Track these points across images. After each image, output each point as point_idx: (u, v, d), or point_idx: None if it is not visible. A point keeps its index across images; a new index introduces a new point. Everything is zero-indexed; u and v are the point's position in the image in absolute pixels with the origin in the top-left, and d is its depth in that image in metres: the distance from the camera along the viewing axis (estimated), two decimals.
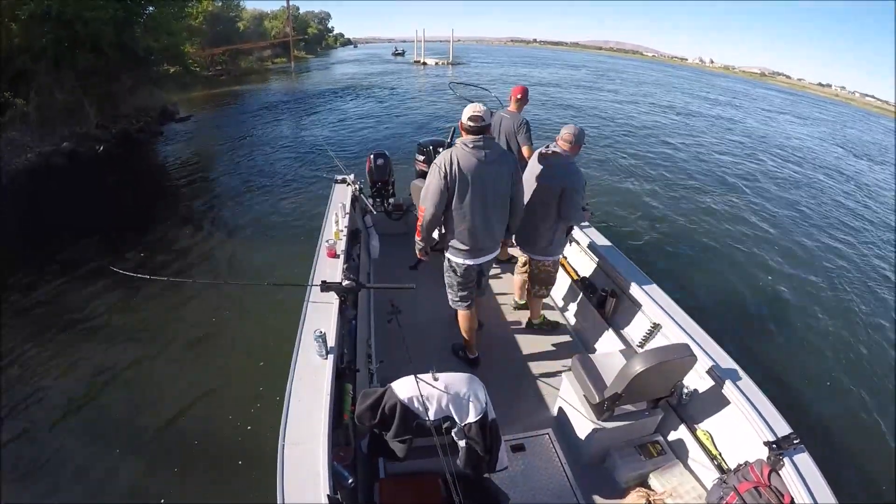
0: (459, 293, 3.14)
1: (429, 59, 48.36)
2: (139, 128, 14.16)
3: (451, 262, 3.03)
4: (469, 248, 2.88)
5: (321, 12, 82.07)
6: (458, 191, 2.68)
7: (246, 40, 42.45)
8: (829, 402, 4.65)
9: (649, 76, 52.06)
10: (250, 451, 3.59)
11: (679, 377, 2.56)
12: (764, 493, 2.01)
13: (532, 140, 3.96)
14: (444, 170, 2.64)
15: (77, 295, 5.68)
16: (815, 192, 12.55)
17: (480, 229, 2.82)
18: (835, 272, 7.57)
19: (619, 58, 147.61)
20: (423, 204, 2.77)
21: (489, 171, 2.69)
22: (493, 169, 2.70)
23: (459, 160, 2.64)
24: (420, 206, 2.81)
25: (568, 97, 26.11)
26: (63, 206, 8.51)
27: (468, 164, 2.64)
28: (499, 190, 2.78)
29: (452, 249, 2.94)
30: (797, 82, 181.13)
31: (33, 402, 4.13)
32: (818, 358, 5.31)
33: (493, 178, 2.73)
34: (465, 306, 3.19)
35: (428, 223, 2.81)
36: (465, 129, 2.70)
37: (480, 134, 2.67)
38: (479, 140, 2.66)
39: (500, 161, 2.75)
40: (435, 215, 2.77)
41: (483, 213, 2.77)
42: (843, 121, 38.17)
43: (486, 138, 2.69)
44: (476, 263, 2.99)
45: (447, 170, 2.63)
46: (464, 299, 3.15)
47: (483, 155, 2.65)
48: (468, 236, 2.83)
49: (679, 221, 8.89)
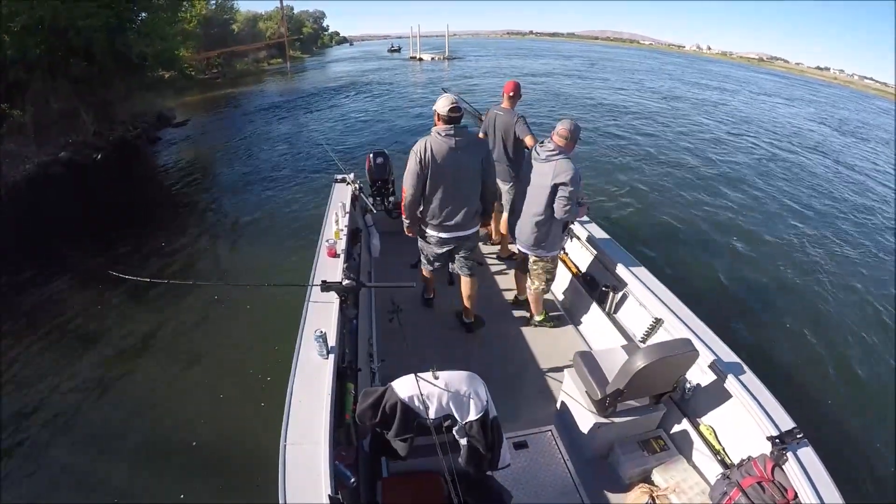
0: (428, 260, 3.58)
1: (425, 54, 48.10)
2: (136, 134, 14.14)
3: (425, 233, 3.40)
4: (440, 224, 3.25)
5: (316, 11, 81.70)
6: (431, 174, 3.05)
7: (241, 42, 42.35)
8: (833, 395, 4.62)
9: (643, 64, 51.92)
10: (251, 450, 3.60)
11: (681, 372, 2.55)
12: (767, 487, 2.00)
13: (531, 131, 3.94)
14: (419, 155, 3.00)
15: (77, 300, 5.72)
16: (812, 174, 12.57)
17: (451, 207, 3.18)
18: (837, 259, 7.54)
19: (615, 46, 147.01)
20: (404, 185, 3.17)
21: (459, 157, 3.03)
22: (462, 154, 3.03)
23: (433, 146, 2.99)
24: (403, 188, 3.21)
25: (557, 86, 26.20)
26: (62, 216, 8.52)
27: (440, 150, 2.99)
28: (468, 173, 3.13)
29: (429, 224, 3.32)
30: (795, 66, 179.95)
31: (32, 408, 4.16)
32: (821, 351, 5.26)
33: (463, 163, 3.07)
34: (430, 269, 3.67)
35: (409, 202, 3.20)
36: (441, 118, 3.01)
37: (453, 123, 2.99)
38: (450, 129, 2.98)
39: (470, 147, 3.08)
40: (414, 195, 3.15)
41: (453, 193, 3.14)
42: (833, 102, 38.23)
43: (456, 127, 3.00)
44: (448, 237, 3.33)
45: (422, 155, 2.99)
46: (430, 263, 3.60)
47: (454, 142, 2.98)
48: (440, 213, 3.20)
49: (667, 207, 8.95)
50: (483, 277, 4.59)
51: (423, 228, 3.39)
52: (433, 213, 3.22)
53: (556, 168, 3.05)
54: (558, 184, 3.05)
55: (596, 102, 20.86)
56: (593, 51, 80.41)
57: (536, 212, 3.22)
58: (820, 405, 4.45)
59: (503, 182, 4.28)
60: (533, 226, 3.28)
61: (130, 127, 14.27)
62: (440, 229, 3.28)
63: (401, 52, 58.84)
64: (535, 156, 3.22)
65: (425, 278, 3.87)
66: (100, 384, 4.46)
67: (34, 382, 4.44)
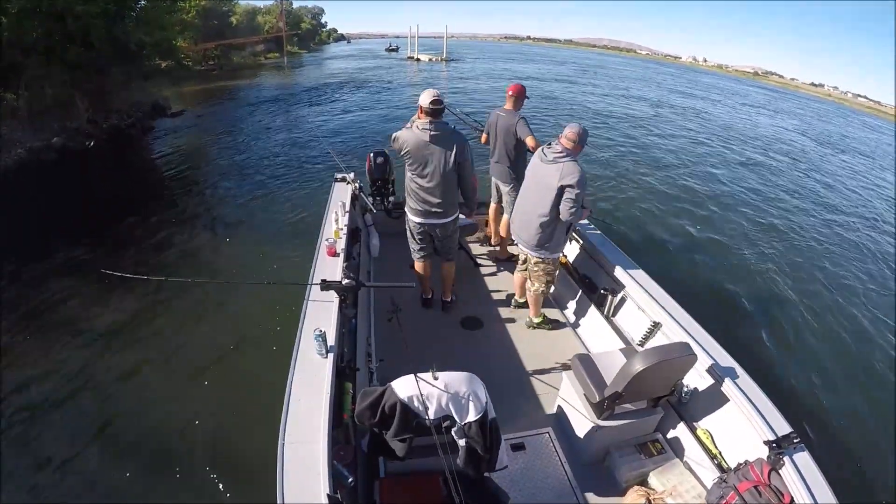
0: (414, 247, 3.77)
1: (422, 55, 48.13)
2: (130, 123, 13.93)
3: (408, 219, 3.65)
4: (418, 210, 3.50)
5: (314, 7, 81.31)
6: (408, 164, 3.34)
7: (239, 35, 42.10)
8: (830, 400, 4.66)
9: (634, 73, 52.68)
10: (249, 448, 3.57)
11: (679, 376, 2.57)
12: (764, 492, 2.02)
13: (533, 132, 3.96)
14: (397, 143, 3.30)
15: (70, 297, 5.58)
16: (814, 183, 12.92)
17: (426, 196, 3.40)
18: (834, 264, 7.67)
19: (610, 55, 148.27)
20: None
21: (433, 149, 3.23)
22: (436, 147, 3.23)
23: (407, 137, 3.24)
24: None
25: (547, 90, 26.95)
26: (54, 204, 8.37)
27: (414, 141, 3.22)
28: (442, 164, 3.29)
29: (409, 209, 3.59)
30: (790, 82, 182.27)
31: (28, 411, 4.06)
32: (818, 356, 5.32)
33: (437, 154, 3.25)
34: (418, 257, 3.83)
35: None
36: (424, 111, 3.18)
37: (434, 116, 3.19)
38: (427, 122, 3.18)
39: (445, 140, 3.24)
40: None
41: (428, 182, 3.34)
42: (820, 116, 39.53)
43: (434, 121, 3.20)
44: (426, 223, 3.55)
45: (399, 144, 3.28)
46: (417, 251, 3.79)
47: (428, 136, 3.18)
48: (417, 201, 3.45)
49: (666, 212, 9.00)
50: (483, 279, 4.61)
51: (405, 212, 3.66)
52: (411, 199, 3.50)
53: (563, 170, 3.07)
54: (565, 185, 3.06)
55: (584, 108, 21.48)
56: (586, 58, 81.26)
57: (542, 213, 3.23)
58: (817, 410, 4.49)
59: (504, 184, 4.30)
60: (537, 227, 3.29)
61: (125, 115, 14.05)
62: (416, 214, 3.54)
63: (398, 52, 58.81)
64: (541, 157, 3.23)
65: (419, 276, 3.96)
66: (92, 381, 4.37)
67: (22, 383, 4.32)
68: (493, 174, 4.41)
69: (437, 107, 3.17)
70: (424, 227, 3.59)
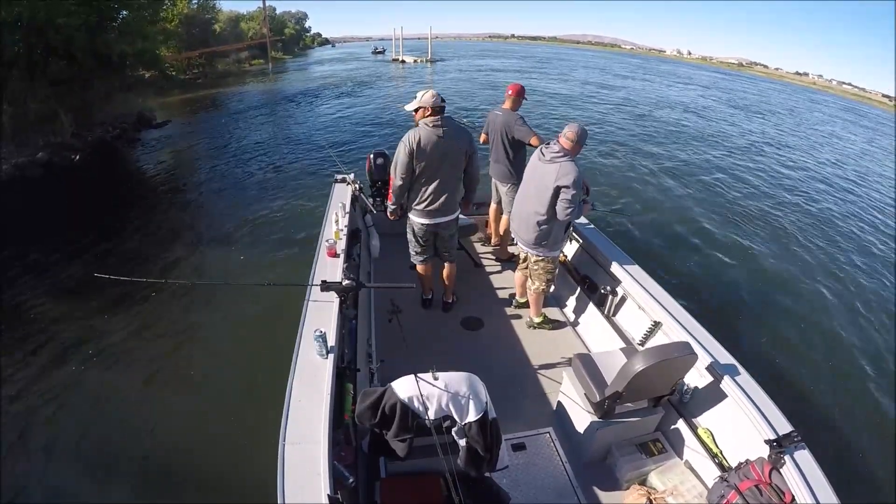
0: (416, 250, 3.73)
1: (407, 56, 48.03)
2: (116, 135, 13.78)
3: (411, 221, 3.60)
4: (425, 210, 3.45)
5: (298, 12, 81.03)
6: (419, 163, 3.24)
7: (222, 42, 41.78)
8: (831, 399, 4.65)
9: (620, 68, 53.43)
10: (249, 449, 3.55)
11: (680, 375, 2.58)
12: (765, 491, 2.03)
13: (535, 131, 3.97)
14: (409, 146, 3.18)
15: (58, 305, 5.51)
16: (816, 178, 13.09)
17: (436, 195, 3.38)
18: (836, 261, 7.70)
19: (588, 50, 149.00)
20: (393, 174, 3.37)
21: (445, 146, 3.23)
22: (448, 144, 3.24)
23: (422, 136, 3.18)
24: (391, 175, 3.41)
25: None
26: (40, 219, 8.20)
27: (429, 139, 3.18)
28: (453, 162, 3.34)
29: (413, 211, 3.52)
30: (774, 71, 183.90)
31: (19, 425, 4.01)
32: (819, 355, 5.30)
33: (450, 151, 3.27)
34: (420, 261, 3.80)
35: (398, 189, 3.40)
36: (430, 109, 3.20)
37: (438, 115, 3.21)
38: (437, 120, 3.20)
39: (456, 137, 3.28)
40: (403, 183, 3.35)
41: (438, 180, 3.33)
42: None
43: (443, 117, 3.22)
44: (433, 223, 3.53)
45: (412, 146, 3.18)
46: (419, 254, 3.75)
47: (441, 132, 3.19)
48: (425, 201, 3.41)
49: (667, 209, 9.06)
50: (483, 279, 4.64)
51: (407, 214, 3.61)
52: (418, 200, 3.43)
53: (560, 170, 3.08)
54: (561, 186, 3.07)
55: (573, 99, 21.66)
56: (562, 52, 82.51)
57: (539, 212, 3.25)
58: (818, 409, 4.49)
59: (502, 183, 4.31)
60: (535, 225, 3.31)
61: (110, 128, 13.89)
62: (422, 215, 3.49)
63: (384, 54, 58.76)
64: (539, 156, 3.26)
65: (420, 276, 3.96)
66: (92, 385, 4.36)
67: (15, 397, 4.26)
68: (493, 174, 4.43)
69: (442, 104, 3.23)
70: (430, 227, 3.58)
